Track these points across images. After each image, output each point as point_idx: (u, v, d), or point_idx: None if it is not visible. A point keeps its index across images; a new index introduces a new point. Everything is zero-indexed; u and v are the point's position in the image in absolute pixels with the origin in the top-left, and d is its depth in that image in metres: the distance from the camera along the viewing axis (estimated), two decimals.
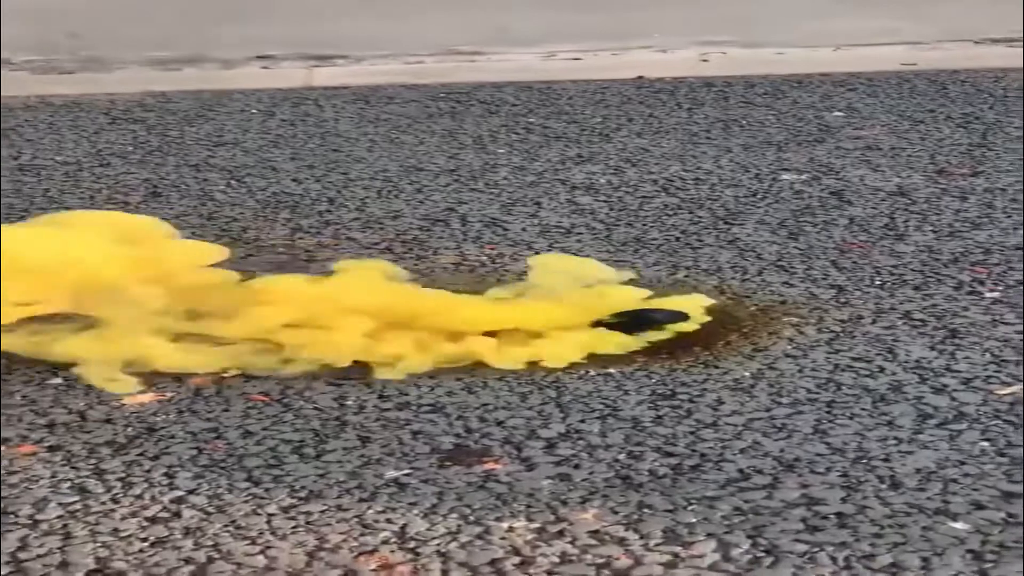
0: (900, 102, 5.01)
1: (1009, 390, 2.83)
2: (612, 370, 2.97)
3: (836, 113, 4.90)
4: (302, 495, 2.49)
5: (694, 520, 2.38)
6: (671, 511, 2.41)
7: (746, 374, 2.92)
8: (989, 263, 3.52)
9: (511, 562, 2.27)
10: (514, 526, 2.37)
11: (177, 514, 2.44)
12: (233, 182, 4.36)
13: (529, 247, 3.72)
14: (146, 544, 2.35)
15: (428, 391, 2.89)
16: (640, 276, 3.49)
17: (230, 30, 6.36)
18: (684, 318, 3.19)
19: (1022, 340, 3.05)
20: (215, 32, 6.32)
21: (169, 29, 6.32)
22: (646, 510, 2.41)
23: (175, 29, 6.32)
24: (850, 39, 5.94)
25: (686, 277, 3.48)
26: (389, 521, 2.40)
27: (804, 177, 4.24)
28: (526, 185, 4.25)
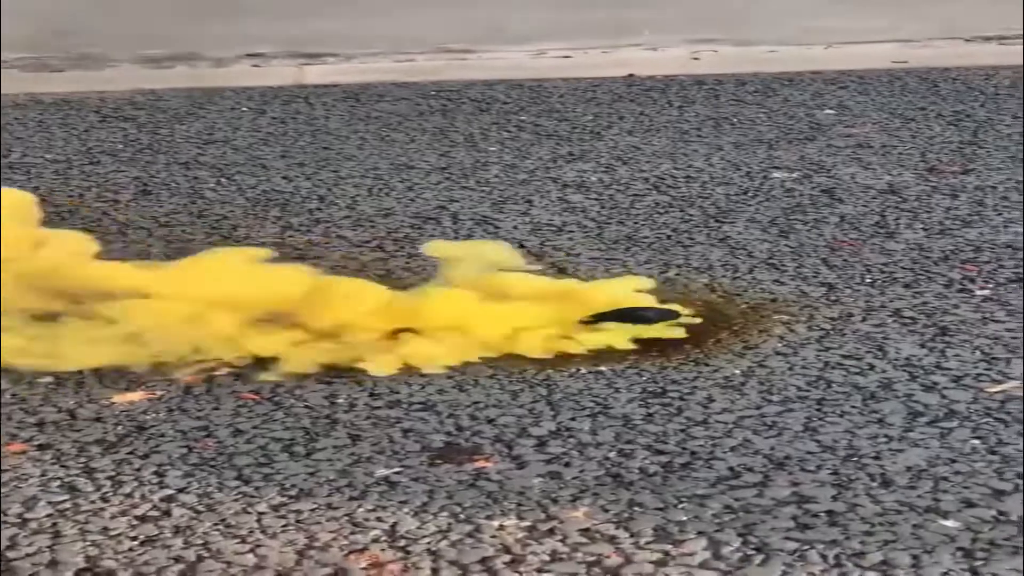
0: (891, 100, 5.01)
1: (1000, 387, 2.83)
2: (603, 368, 2.96)
3: (827, 111, 4.90)
4: (292, 493, 2.49)
5: (685, 518, 2.38)
6: (662, 509, 2.41)
7: (736, 372, 2.92)
8: (980, 261, 3.52)
9: (501, 560, 2.27)
10: (505, 524, 2.37)
11: (167, 513, 2.44)
12: (223, 180, 4.35)
13: (521, 245, 3.71)
14: (136, 543, 2.34)
15: (419, 389, 2.89)
16: (547, 264, 3.48)
17: (221, 28, 6.35)
18: (674, 316, 3.19)
19: (1023, 338, 3.05)
20: (205, 30, 6.31)
21: (159, 27, 6.31)
22: (637, 508, 2.41)
23: (165, 27, 6.31)
24: (841, 37, 5.94)
25: (677, 275, 3.48)
26: (379, 519, 2.40)
27: (795, 175, 4.24)
28: (517, 183, 4.24)
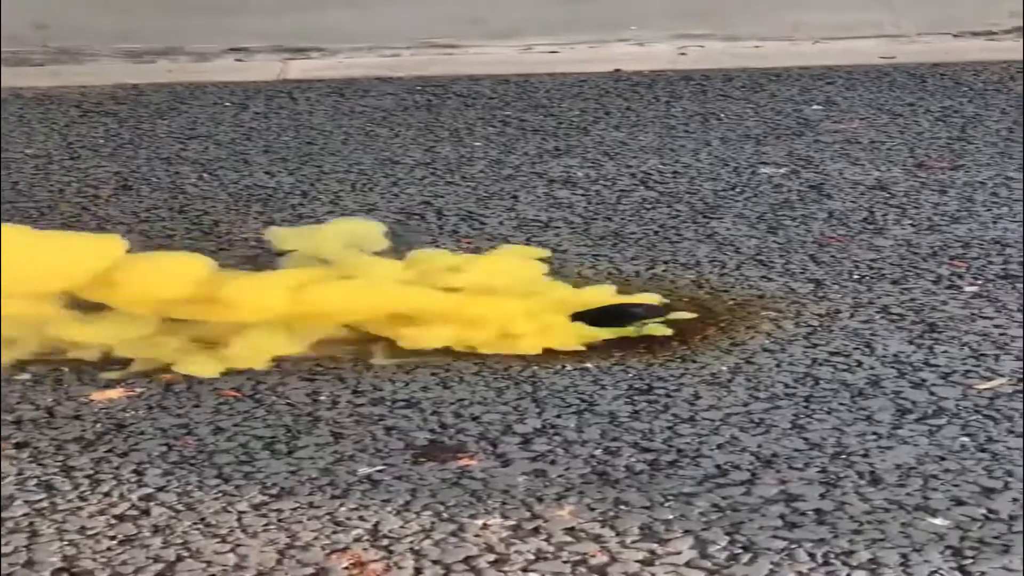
0: (879, 96, 5.00)
1: (989, 384, 2.81)
2: (588, 364, 2.94)
3: (815, 107, 4.89)
4: (273, 492, 2.47)
5: (671, 516, 2.36)
6: (648, 507, 2.39)
7: (723, 368, 2.91)
8: (968, 257, 3.50)
9: (485, 560, 2.26)
10: (489, 523, 2.35)
11: (146, 512, 2.42)
12: (205, 175, 4.33)
13: (506, 241, 3.69)
14: (114, 542, 2.33)
15: (403, 386, 2.87)
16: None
17: (203, 22, 6.32)
18: (663, 312, 3.17)
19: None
20: (188, 24, 6.28)
21: (141, 21, 6.28)
22: (623, 506, 2.40)
23: (147, 21, 6.28)
24: (829, 32, 5.93)
25: (664, 271, 3.46)
26: (362, 518, 2.38)
27: (783, 171, 4.22)
28: (503, 178, 4.22)
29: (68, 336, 3.01)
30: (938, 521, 2.33)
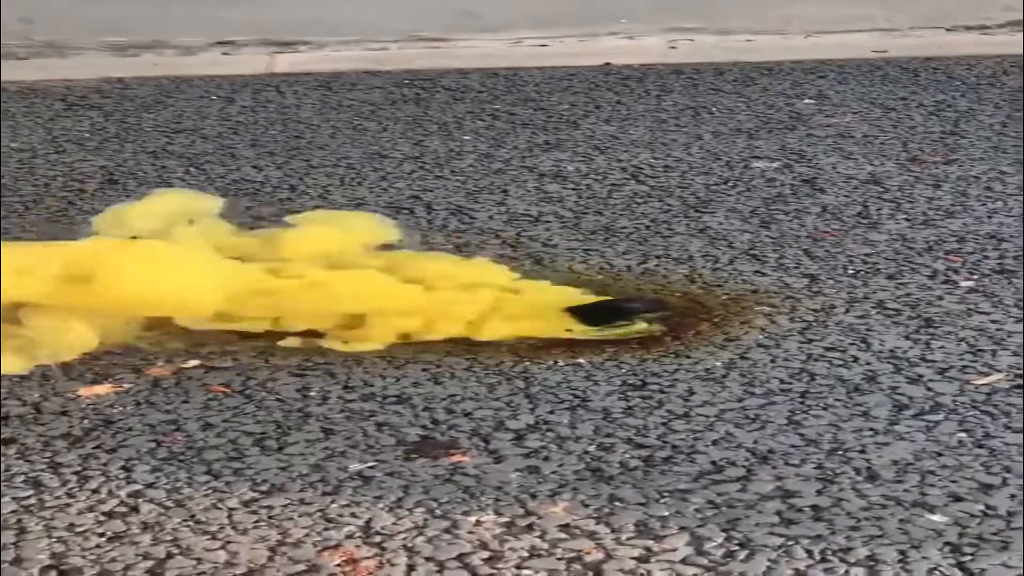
0: (872, 89, 4.98)
1: (986, 380, 2.79)
2: (581, 360, 2.92)
3: (807, 100, 4.87)
4: (264, 489, 2.45)
5: (666, 513, 2.35)
6: (643, 504, 2.37)
7: (718, 364, 2.89)
8: (964, 251, 3.49)
9: (479, 557, 2.24)
10: (482, 520, 2.34)
11: (135, 508, 2.40)
12: (192, 169, 4.30)
13: (496, 235, 3.67)
14: (103, 539, 2.31)
15: (394, 382, 2.84)
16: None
17: (190, 15, 6.28)
18: (659, 308, 3.15)
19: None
20: (174, 17, 6.24)
21: (127, 14, 6.24)
22: (617, 503, 2.38)
23: (133, 13, 6.24)
24: (821, 26, 5.91)
25: (656, 266, 3.44)
26: (353, 515, 2.36)
27: (776, 165, 4.20)
28: (492, 172, 4.19)
29: None
30: (936, 517, 2.32)
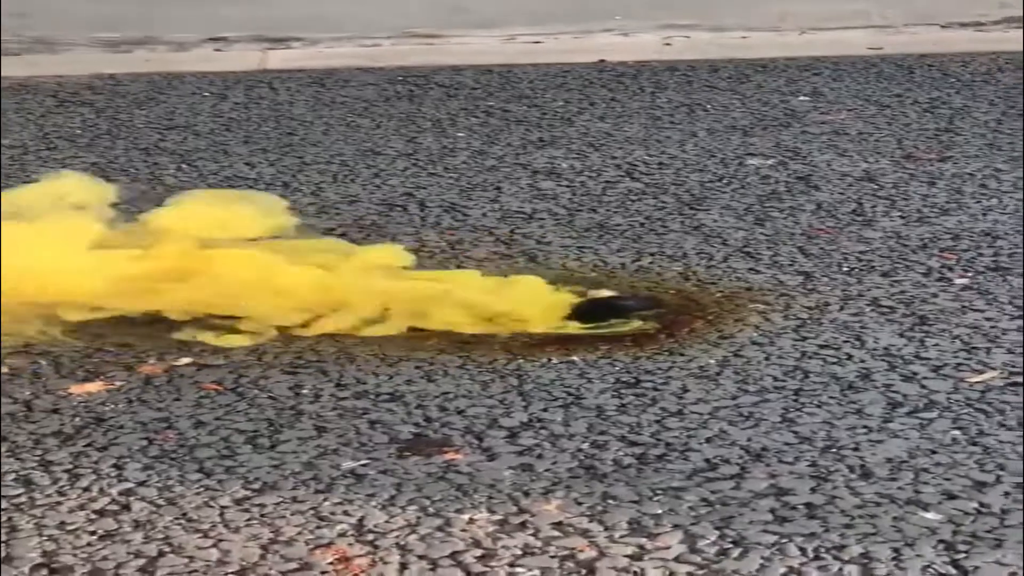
0: (867, 87, 4.97)
1: (980, 377, 2.79)
2: (575, 358, 2.91)
3: (802, 97, 4.86)
4: (256, 487, 2.44)
5: (660, 511, 2.34)
6: (636, 502, 2.37)
7: (712, 362, 2.88)
8: (958, 249, 3.48)
9: (472, 555, 2.23)
10: (475, 518, 2.33)
11: (126, 507, 2.39)
12: (184, 166, 4.28)
13: (490, 233, 3.66)
14: (94, 538, 2.30)
15: (386, 379, 2.84)
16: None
17: (182, 11, 6.27)
18: (653, 305, 3.14)
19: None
20: (167, 13, 6.23)
21: (119, 9, 6.23)
22: (611, 501, 2.37)
23: (125, 9, 6.23)
24: (815, 22, 5.90)
25: (651, 264, 3.43)
26: (346, 513, 2.35)
27: (770, 162, 4.20)
28: (486, 169, 4.19)
29: None
30: (930, 515, 2.32)
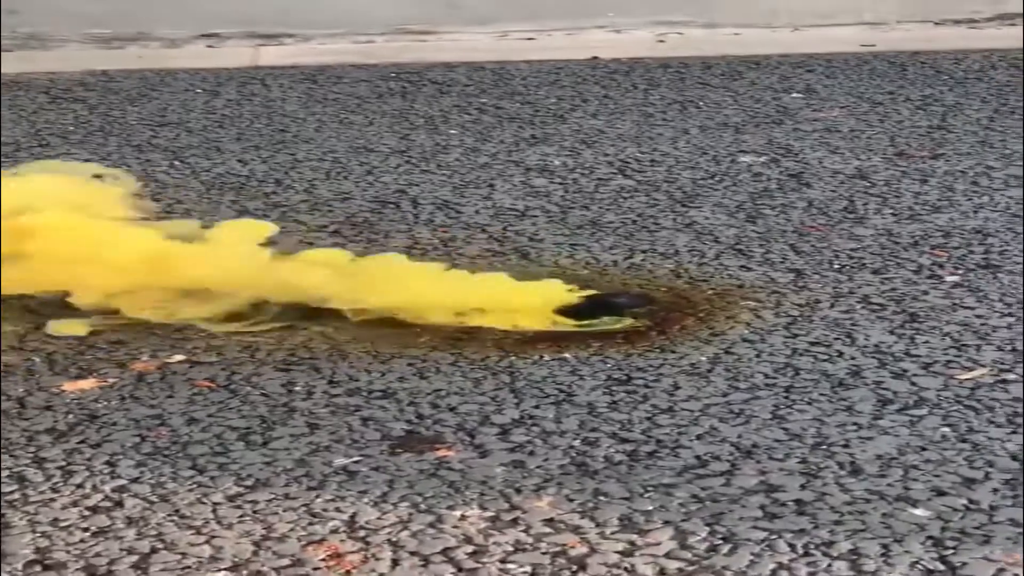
0: (859, 84, 4.98)
1: (970, 375, 2.80)
2: (567, 355, 2.92)
3: (794, 95, 4.87)
4: (249, 483, 2.44)
5: (651, 507, 2.34)
6: (627, 498, 2.37)
7: (703, 359, 2.88)
8: (949, 246, 3.49)
9: (464, 551, 2.23)
10: (467, 514, 2.33)
11: (119, 503, 2.39)
12: (177, 163, 4.28)
13: (483, 230, 3.66)
14: (87, 534, 2.30)
15: (379, 376, 2.84)
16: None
17: (174, 7, 6.26)
18: (646, 303, 3.14)
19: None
20: (159, 9, 6.22)
21: (112, 6, 6.22)
22: (602, 497, 2.38)
23: (117, 6, 6.22)
24: (808, 19, 5.91)
25: (643, 261, 3.44)
26: (338, 510, 2.36)
27: (762, 159, 4.20)
28: (479, 167, 4.19)
29: None
30: (919, 512, 2.32)
